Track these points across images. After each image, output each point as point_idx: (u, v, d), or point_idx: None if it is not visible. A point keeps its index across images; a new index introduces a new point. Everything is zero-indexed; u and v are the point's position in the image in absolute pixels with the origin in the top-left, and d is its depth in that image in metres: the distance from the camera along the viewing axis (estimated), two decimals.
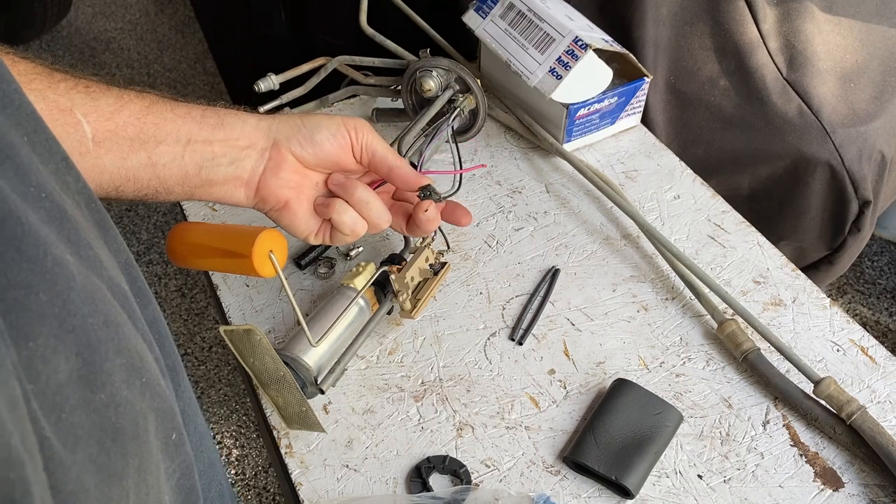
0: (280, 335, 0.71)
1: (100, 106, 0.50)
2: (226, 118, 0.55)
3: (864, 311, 1.73)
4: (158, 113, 0.53)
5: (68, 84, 0.49)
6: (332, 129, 0.57)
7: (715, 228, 0.80)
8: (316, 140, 0.57)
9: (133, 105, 0.52)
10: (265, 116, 0.58)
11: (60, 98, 0.48)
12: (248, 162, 0.56)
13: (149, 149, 0.52)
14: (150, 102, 0.53)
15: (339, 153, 0.58)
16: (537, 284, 0.75)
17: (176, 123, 0.53)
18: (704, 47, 0.99)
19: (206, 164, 0.55)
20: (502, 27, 0.86)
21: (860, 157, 0.98)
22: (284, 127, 0.57)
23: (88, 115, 0.49)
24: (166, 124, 0.53)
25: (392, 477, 0.61)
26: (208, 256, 0.57)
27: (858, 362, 0.68)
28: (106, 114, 0.50)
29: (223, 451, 1.59)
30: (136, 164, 0.52)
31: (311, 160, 0.57)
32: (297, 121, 0.57)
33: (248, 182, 0.57)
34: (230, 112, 0.56)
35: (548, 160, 0.88)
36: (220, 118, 0.55)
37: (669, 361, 0.69)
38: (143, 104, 0.52)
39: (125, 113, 0.51)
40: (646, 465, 0.59)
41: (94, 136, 0.49)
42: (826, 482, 0.61)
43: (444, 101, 0.82)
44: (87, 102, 0.50)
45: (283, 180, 0.57)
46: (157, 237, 1.97)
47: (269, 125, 0.57)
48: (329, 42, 1.05)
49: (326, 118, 0.58)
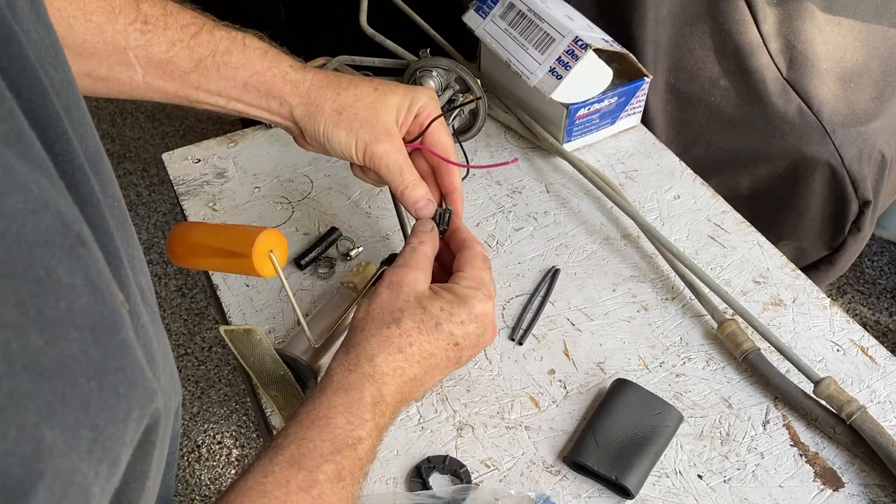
0: (280, 335, 0.71)
1: (151, 52, 0.54)
2: (265, 97, 0.58)
3: (864, 311, 1.73)
4: (202, 73, 0.55)
5: (127, 18, 0.52)
6: (346, 152, 0.60)
7: (715, 228, 0.80)
8: (331, 153, 0.61)
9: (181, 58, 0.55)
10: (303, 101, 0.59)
11: (118, 36, 0.52)
12: (281, 124, 0.62)
13: (190, 100, 0.57)
14: (198, 58, 0.55)
15: (350, 161, 0.62)
16: (537, 284, 0.75)
17: (218, 86, 0.57)
18: (705, 47, 0.99)
19: (248, 112, 0.60)
20: (502, 27, 0.86)
21: (860, 157, 0.98)
22: (310, 129, 0.60)
23: (140, 58, 0.53)
24: (209, 84, 0.56)
25: (392, 477, 0.61)
26: (208, 256, 0.57)
27: (858, 362, 0.68)
28: (155, 62, 0.54)
29: (223, 450, 1.59)
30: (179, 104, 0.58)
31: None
32: (321, 129, 0.59)
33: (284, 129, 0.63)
34: (273, 87, 0.58)
35: (548, 160, 0.88)
36: (259, 94, 0.58)
37: (669, 361, 0.69)
38: (192, 58, 0.55)
39: (172, 66, 0.54)
40: (646, 465, 0.59)
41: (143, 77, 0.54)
42: (826, 482, 0.61)
43: (444, 101, 0.82)
44: (141, 45, 0.53)
45: (306, 146, 0.63)
46: (157, 237, 1.97)
47: (300, 118, 0.60)
48: (329, 42, 1.05)
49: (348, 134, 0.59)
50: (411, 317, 0.52)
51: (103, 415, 0.24)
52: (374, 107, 0.59)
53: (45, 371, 0.21)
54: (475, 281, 0.55)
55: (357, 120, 0.58)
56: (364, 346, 0.51)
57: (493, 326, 0.56)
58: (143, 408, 0.26)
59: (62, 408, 0.22)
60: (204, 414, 1.65)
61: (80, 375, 0.22)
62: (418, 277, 0.54)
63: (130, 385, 0.25)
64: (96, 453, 0.23)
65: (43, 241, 0.22)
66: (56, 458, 0.21)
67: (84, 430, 0.23)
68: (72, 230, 0.23)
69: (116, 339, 0.25)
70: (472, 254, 0.57)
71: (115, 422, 0.24)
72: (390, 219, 0.81)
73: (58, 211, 0.23)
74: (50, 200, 0.23)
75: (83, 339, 0.23)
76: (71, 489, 0.22)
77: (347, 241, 0.79)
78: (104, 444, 0.24)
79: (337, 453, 0.45)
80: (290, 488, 0.42)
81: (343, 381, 0.49)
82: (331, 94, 0.58)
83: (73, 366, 0.22)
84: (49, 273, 0.22)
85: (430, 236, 0.59)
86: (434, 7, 0.98)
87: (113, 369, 0.24)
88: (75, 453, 0.22)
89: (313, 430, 0.46)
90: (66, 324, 0.22)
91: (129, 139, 2.22)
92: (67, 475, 0.22)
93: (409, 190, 0.59)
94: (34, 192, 0.22)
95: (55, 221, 0.23)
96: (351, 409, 0.47)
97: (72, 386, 0.22)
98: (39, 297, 0.21)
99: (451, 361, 0.54)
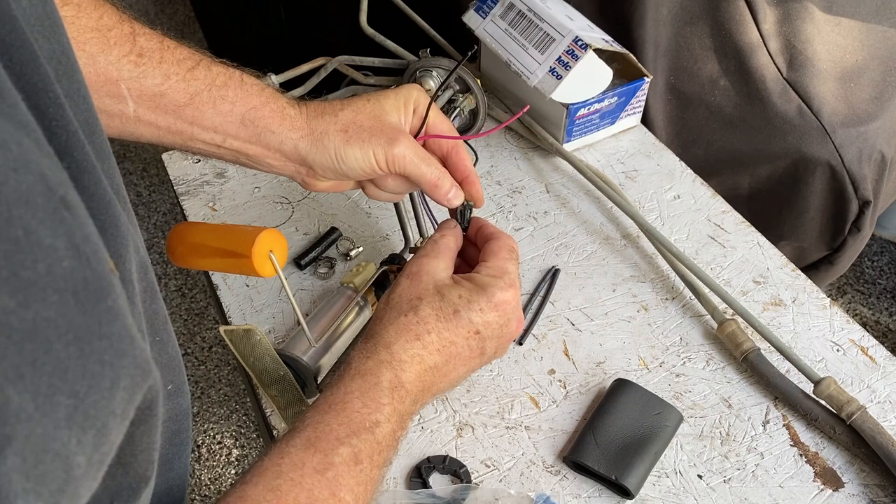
0: (280, 335, 0.71)
1: (145, 84, 0.52)
2: (264, 133, 0.56)
3: (864, 311, 1.73)
4: (198, 107, 0.54)
5: (122, 50, 0.51)
6: (366, 168, 0.58)
7: (715, 228, 0.80)
8: (350, 175, 0.59)
9: (176, 91, 0.53)
10: (304, 134, 0.57)
11: (110, 67, 0.51)
12: (285, 171, 0.60)
13: (184, 137, 0.55)
14: (193, 92, 0.54)
15: (373, 176, 0.60)
16: (537, 284, 0.75)
17: (214, 122, 0.55)
18: (705, 47, 0.99)
19: (241, 159, 0.58)
20: (502, 27, 0.86)
21: (860, 157, 0.98)
22: (320, 160, 0.58)
23: (132, 91, 0.52)
24: (204, 121, 0.55)
25: (392, 477, 0.61)
26: (208, 256, 0.57)
27: (858, 362, 0.68)
28: (148, 94, 0.53)
29: (223, 451, 1.59)
30: (171, 143, 0.55)
31: (346, 181, 0.61)
32: (333, 154, 0.57)
33: (289, 176, 0.61)
34: (272, 123, 0.56)
35: (548, 160, 0.88)
36: (257, 130, 0.56)
37: (669, 361, 0.69)
38: (187, 92, 0.54)
39: (166, 99, 0.53)
40: (646, 465, 0.59)
41: (135, 111, 0.52)
42: (826, 482, 0.61)
43: (444, 102, 0.82)
44: (134, 77, 0.52)
45: (318, 188, 0.61)
46: (157, 237, 1.97)
47: (306, 153, 0.57)
48: (329, 42, 1.05)
49: (362, 149, 0.57)
50: (429, 304, 0.52)
51: (84, 381, 0.23)
52: (374, 114, 0.58)
53: (14, 333, 0.21)
54: (497, 270, 0.55)
55: (365, 131, 0.57)
56: (382, 335, 0.51)
57: (517, 316, 0.55)
58: (133, 377, 0.26)
59: (32, 372, 0.21)
60: (204, 414, 1.65)
61: (55, 340, 0.22)
62: (438, 266, 0.54)
63: (117, 353, 0.25)
64: (77, 421, 0.23)
65: (23, 200, 0.21)
66: (25, 423, 0.21)
67: (60, 397, 0.22)
68: (56, 193, 0.23)
69: (102, 305, 0.24)
70: (498, 245, 0.57)
71: (99, 390, 0.24)
72: (390, 219, 0.81)
73: (41, 173, 0.22)
74: (32, 161, 0.22)
75: (63, 303, 0.22)
76: (47, 456, 0.21)
77: (347, 241, 0.79)
78: (86, 412, 0.23)
79: (353, 436, 0.45)
80: (305, 470, 0.42)
81: (360, 367, 0.49)
82: (329, 118, 0.57)
83: (47, 329, 0.22)
84: (28, 233, 0.21)
85: (453, 231, 0.59)
86: (434, 7, 0.98)
87: (97, 336, 0.24)
88: (50, 420, 0.22)
89: (330, 413, 0.46)
90: (44, 287, 0.22)
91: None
92: (41, 441, 0.21)
93: (440, 180, 0.58)
94: (14, 150, 0.22)
95: (37, 182, 0.22)
96: (367, 393, 0.48)
97: (45, 350, 0.22)
98: (15, 258, 0.21)
99: (475, 352, 0.53)
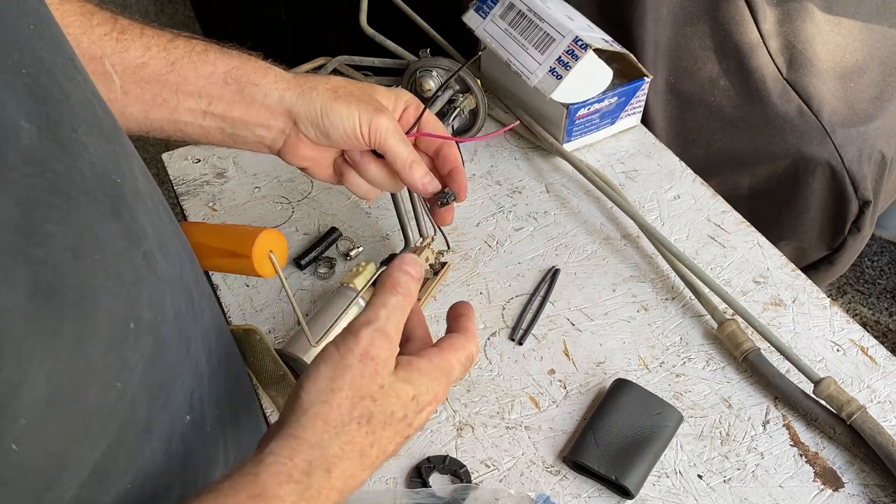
0: (280, 335, 0.71)
1: (127, 57, 0.52)
2: (247, 87, 0.56)
3: (864, 311, 1.73)
4: (180, 72, 0.54)
5: (104, 29, 0.52)
6: (349, 128, 0.57)
7: (715, 228, 0.80)
8: (331, 135, 0.58)
9: (157, 60, 0.53)
10: (291, 86, 0.56)
11: (94, 45, 0.51)
12: (267, 134, 0.58)
13: (170, 107, 0.55)
14: (174, 59, 0.54)
15: (352, 145, 0.59)
16: (537, 284, 0.75)
17: (197, 85, 0.55)
18: (704, 47, 0.99)
19: (227, 128, 0.57)
20: (502, 27, 0.86)
21: (860, 157, 0.98)
22: (305, 111, 0.57)
23: (116, 66, 0.52)
24: (187, 85, 0.55)
25: (392, 477, 0.61)
26: (208, 256, 0.57)
27: (858, 362, 0.68)
28: (132, 67, 0.53)
29: None
30: (160, 118, 0.55)
31: (326, 144, 0.59)
32: (319, 107, 0.56)
33: (270, 147, 0.59)
34: (255, 76, 0.56)
35: (548, 160, 0.88)
36: (240, 86, 0.56)
37: (669, 361, 0.69)
38: (168, 60, 0.54)
39: (148, 69, 0.53)
40: (646, 465, 0.59)
41: (121, 86, 0.53)
42: (826, 482, 0.61)
43: (444, 101, 0.82)
44: (117, 52, 0.52)
45: (299, 157, 0.59)
46: None
47: (291, 104, 0.56)
48: (329, 42, 1.05)
49: (349, 108, 0.56)
50: (383, 410, 0.40)
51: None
52: (365, 90, 0.58)
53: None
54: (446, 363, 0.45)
55: (354, 97, 0.57)
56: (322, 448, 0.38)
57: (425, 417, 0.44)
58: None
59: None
60: None
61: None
62: (393, 352, 0.42)
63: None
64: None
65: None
66: None
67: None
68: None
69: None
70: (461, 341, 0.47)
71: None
72: (390, 219, 0.81)
73: None
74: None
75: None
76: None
77: (347, 241, 0.79)
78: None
79: None
80: None
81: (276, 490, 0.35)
82: (320, 79, 0.57)
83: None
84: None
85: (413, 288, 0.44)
86: (434, 7, 0.98)
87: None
88: None
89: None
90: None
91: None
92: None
93: (415, 164, 0.58)
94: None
95: None
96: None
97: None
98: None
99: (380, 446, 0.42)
